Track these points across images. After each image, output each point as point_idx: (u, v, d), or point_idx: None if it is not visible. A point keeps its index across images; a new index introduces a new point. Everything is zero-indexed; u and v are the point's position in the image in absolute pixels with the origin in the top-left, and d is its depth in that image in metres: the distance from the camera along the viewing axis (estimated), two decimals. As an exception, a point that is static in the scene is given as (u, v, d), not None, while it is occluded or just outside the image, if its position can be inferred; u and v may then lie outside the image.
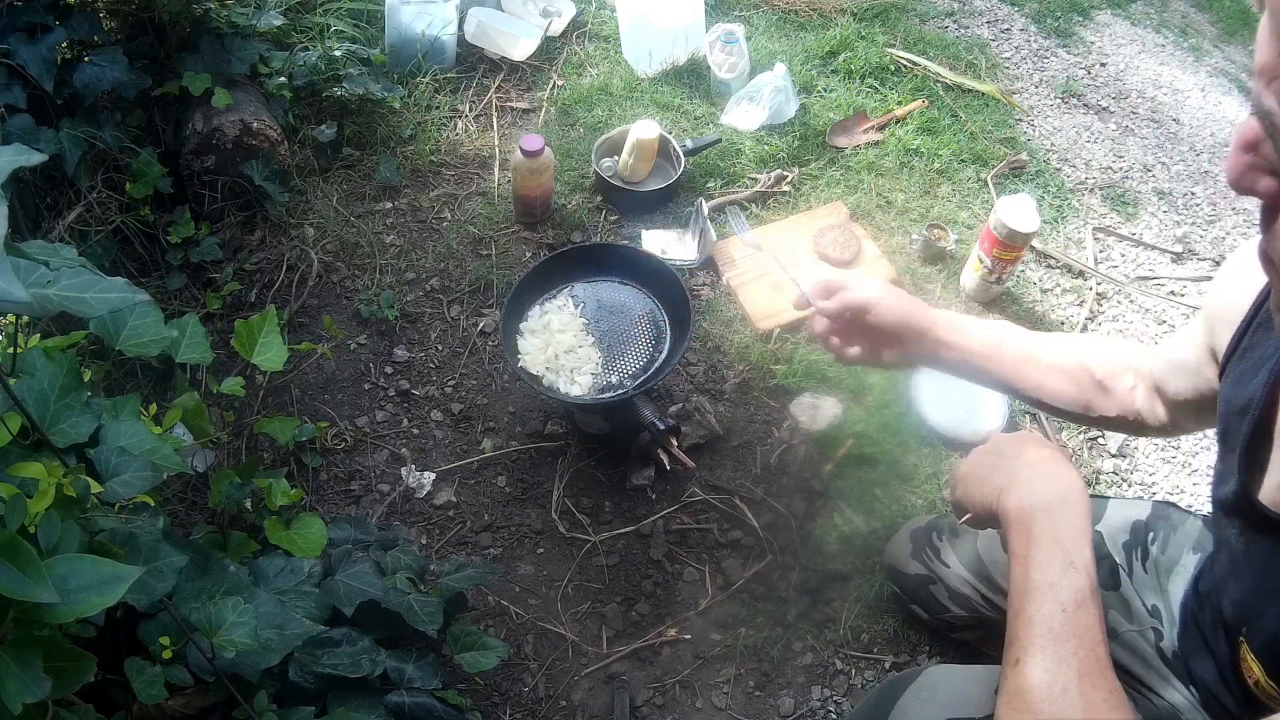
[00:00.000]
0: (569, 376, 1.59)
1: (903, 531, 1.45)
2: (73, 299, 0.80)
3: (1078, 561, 0.76)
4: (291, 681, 1.09)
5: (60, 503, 0.85)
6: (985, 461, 0.91)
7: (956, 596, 1.33)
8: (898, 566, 1.42)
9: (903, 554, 1.41)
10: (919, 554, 1.38)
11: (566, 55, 2.32)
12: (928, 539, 1.38)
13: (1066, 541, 0.78)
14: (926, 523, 1.41)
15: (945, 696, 0.96)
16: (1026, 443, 0.89)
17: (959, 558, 1.32)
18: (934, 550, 1.36)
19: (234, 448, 1.63)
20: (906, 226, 1.98)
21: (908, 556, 1.40)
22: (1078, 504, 0.80)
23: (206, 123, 1.83)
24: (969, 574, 1.30)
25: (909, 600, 1.43)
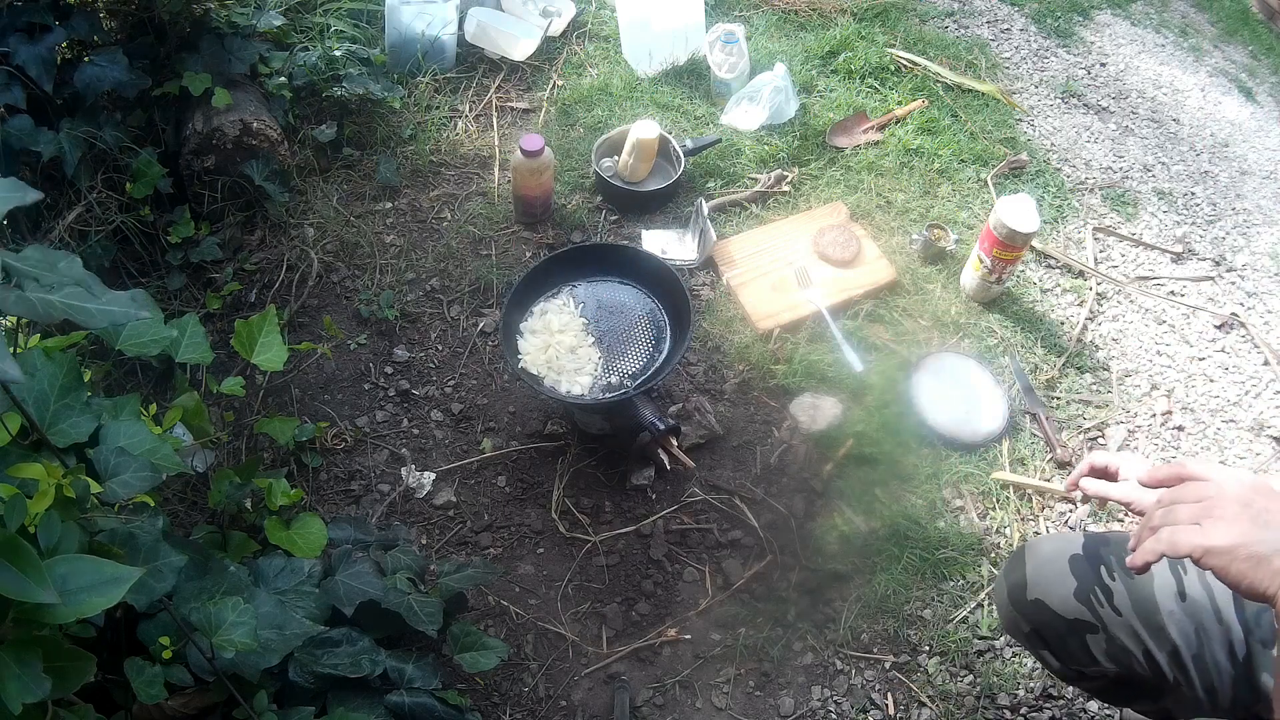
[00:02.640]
0: (569, 376, 1.59)
1: (1054, 556, 1.08)
2: (75, 308, 0.80)
3: None
4: (291, 681, 1.09)
5: (60, 503, 0.85)
6: (1260, 537, 0.77)
7: (1117, 651, 1.04)
8: (1048, 603, 1.06)
9: (1062, 590, 1.06)
10: (1086, 594, 1.04)
11: (566, 55, 2.32)
12: (1096, 575, 1.05)
13: None
14: (1086, 547, 1.06)
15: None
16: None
17: (1132, 602, 1.02)
18: (1105, 592, 1.04)
19: (234, 448, 1.63)
20: (906, 226, 1.98)
21: (1069, 595, 1.05)
22: None
23: (206, 123, 1.83)
24: (1140, 624, 1.02)
25: (1041, 644, 1.10)
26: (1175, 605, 1.02)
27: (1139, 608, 1.03)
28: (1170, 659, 1.00)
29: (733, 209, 2.00)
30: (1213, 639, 0.99)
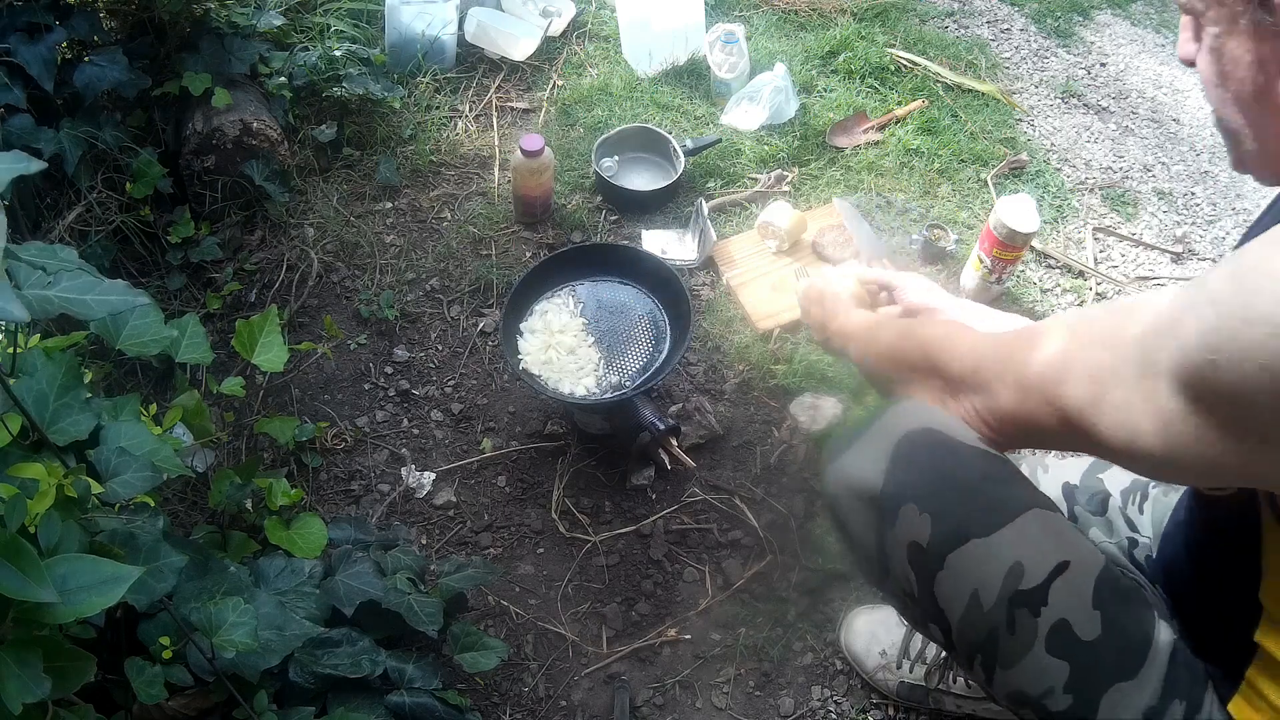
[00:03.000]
0: (569, 376, 1.59)
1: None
2: (73, 300, 0.80)
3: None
4: (291, 682, 1.09)
5: (60, 503, 0.85)
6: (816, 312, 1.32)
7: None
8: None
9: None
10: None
11: (566, 55, 2.32)
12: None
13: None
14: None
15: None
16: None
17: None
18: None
19: (234, 448, 1.63)
20: (906, 226, 1.98)
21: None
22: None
23: (206, 123, 1.83)
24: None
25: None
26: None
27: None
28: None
29: (733, 209, 2.00)
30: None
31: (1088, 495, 1.25)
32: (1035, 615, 0.91)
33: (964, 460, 0.95)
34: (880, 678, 1.37)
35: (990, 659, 0.95)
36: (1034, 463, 1.37)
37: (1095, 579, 0.91)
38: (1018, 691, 0.94)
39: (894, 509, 0.96)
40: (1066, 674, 0.91)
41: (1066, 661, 0.91)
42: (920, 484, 0.96)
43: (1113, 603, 0.91)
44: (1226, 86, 0.78)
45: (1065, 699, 0.91)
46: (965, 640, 0.96)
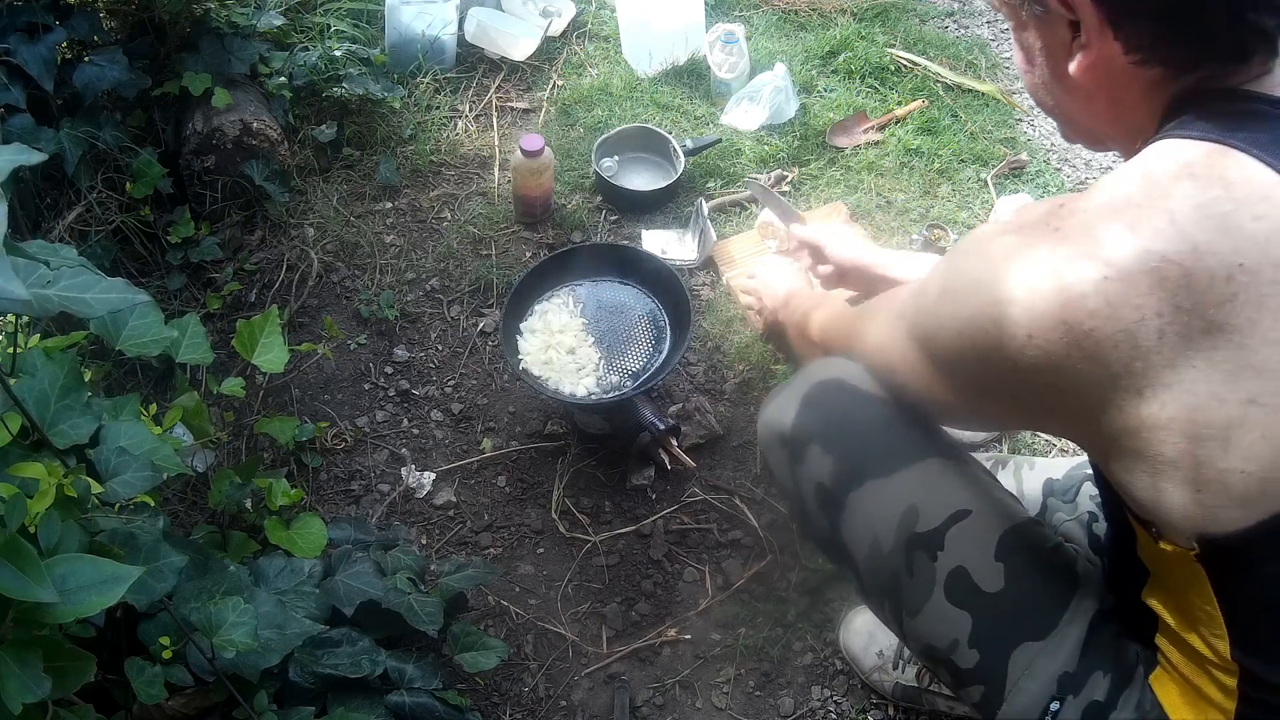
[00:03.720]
0: (569, 376, 1.59)
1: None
2: (73, 299, 0.80)
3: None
4: (291, 681, 1.09)
5: (60, 503, 0.85)
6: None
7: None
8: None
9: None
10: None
11: (566, 55, 2.32)
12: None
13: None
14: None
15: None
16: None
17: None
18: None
19: (234, 448, 1.63)
20: (906, 226, 1.98)
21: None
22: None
23: (206, 123, 1.83)
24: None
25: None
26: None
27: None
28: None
29: (733, 209, 2.00)
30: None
31: (1065, 487, 1.28)
32: (932, 559, 0.94)
33: (867, 407, 1.00)
34: (877, 678, 1.38)
35: (897, 605, 0.98)
36: (1019, 462, 1.38)
37: (1002, 532, 0.93)
38: (928, 646, 0.97)
39: (802, 448, 1.02)
40: (969, 625, 0.92)
41: (968, 612, 0.92)
42: (825, 425, 1.01)
43: (1022, 559, 0.93)
44: (1033, 73, 0.87)
45: (972, 654, 0.93)
46: (873, 583, 1.00)
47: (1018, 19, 0.84)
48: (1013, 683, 0.91)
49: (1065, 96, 0.86)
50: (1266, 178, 0.69)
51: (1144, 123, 0.80)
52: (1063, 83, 0.83)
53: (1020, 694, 0.90)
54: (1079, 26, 0.77)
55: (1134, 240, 0.69)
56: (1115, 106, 0.82)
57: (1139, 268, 0.68)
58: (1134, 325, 0.68)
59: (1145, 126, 0.80)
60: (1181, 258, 0.67)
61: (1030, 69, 0.87)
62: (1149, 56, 0.75)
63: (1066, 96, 0.85)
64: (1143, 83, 0.78)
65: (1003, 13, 0.86)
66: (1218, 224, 0.68)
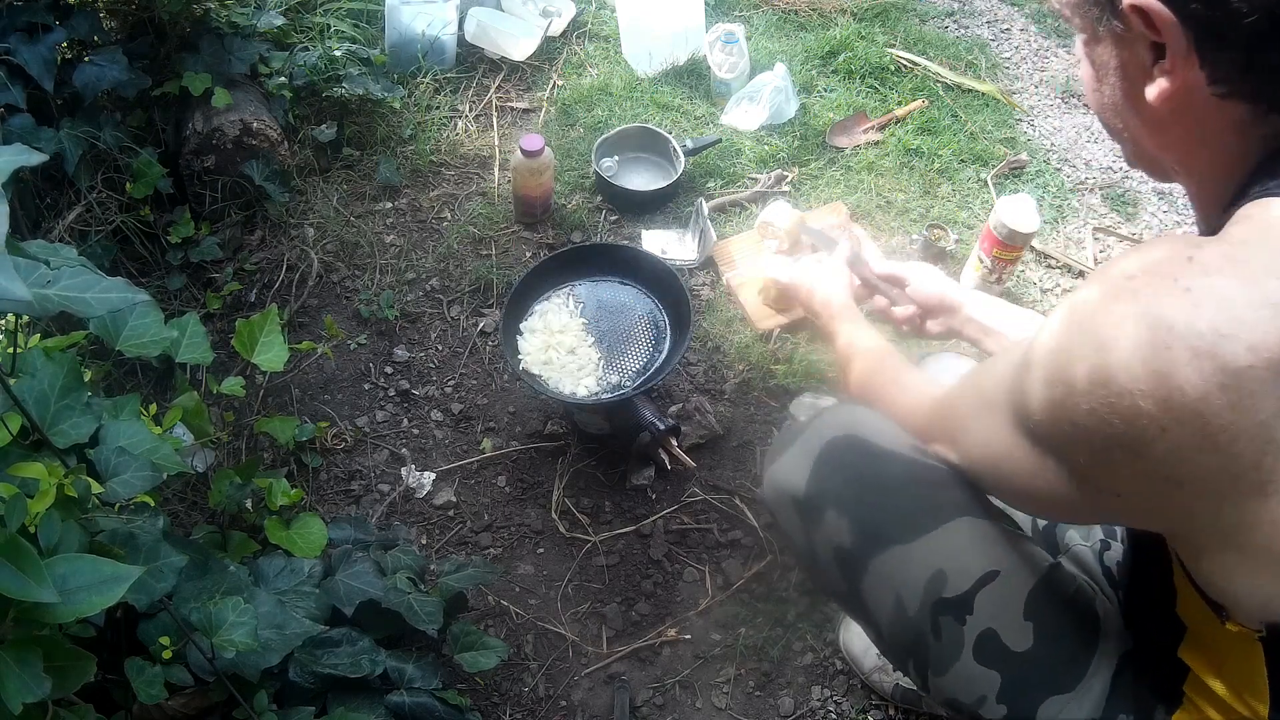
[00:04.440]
0: (569, 376, 1.59)
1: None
2: (73, 299, 0.80)
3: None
4: (291, 681, 1.09)
5: (60, 503, 0.85)
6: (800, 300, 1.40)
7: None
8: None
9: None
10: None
11: (566, 55, 2.32)
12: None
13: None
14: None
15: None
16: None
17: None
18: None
19: (234, 448, 1.63)
20: (906, 226, 1.98)
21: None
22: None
23: (206, 123, 1.83)
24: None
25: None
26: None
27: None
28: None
29: (733, 209, 2.00)
30: None
31: None
32: (961, 623, 0.91)
33: (887, 465, 0.95)
34: (876, 679, 1.38)
35: (922, 664, 0.95)
36: None
37: (1029, 590, 0.91)
38: (953, 699, 0.95)
39: (818, 512, 0.98)
40: (998, 684, 0.90)
41: (997, 672, 0.90)
42: (841, 487, 0.97)
43: (1049, 615, 0.91)
44: (1101, 92, 0.80)
45: (999, 709, 0.91)
46: (896, 643, 0.97)
47: (1092, 32, 0.76)
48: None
49: (1136, 121, 0.78)
50: None
51: (1225, 163, 0.74)
52: (1135, 107, 0.76)
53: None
54: (1161, 49, 0.70)
55: (1278, 321, 0.62)
56: (1190, 141, 0.75)
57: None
58: (1272, 418, 0.63)
59: (1228, 168, 0.74)
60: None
61: (1099, 87, 0.80)
62: (1236, 89, 0.69)
63: (1137, 121, 0.78)
64: (1225, 119, 0.71)
65: (1073, 23, 0.78)
66: None
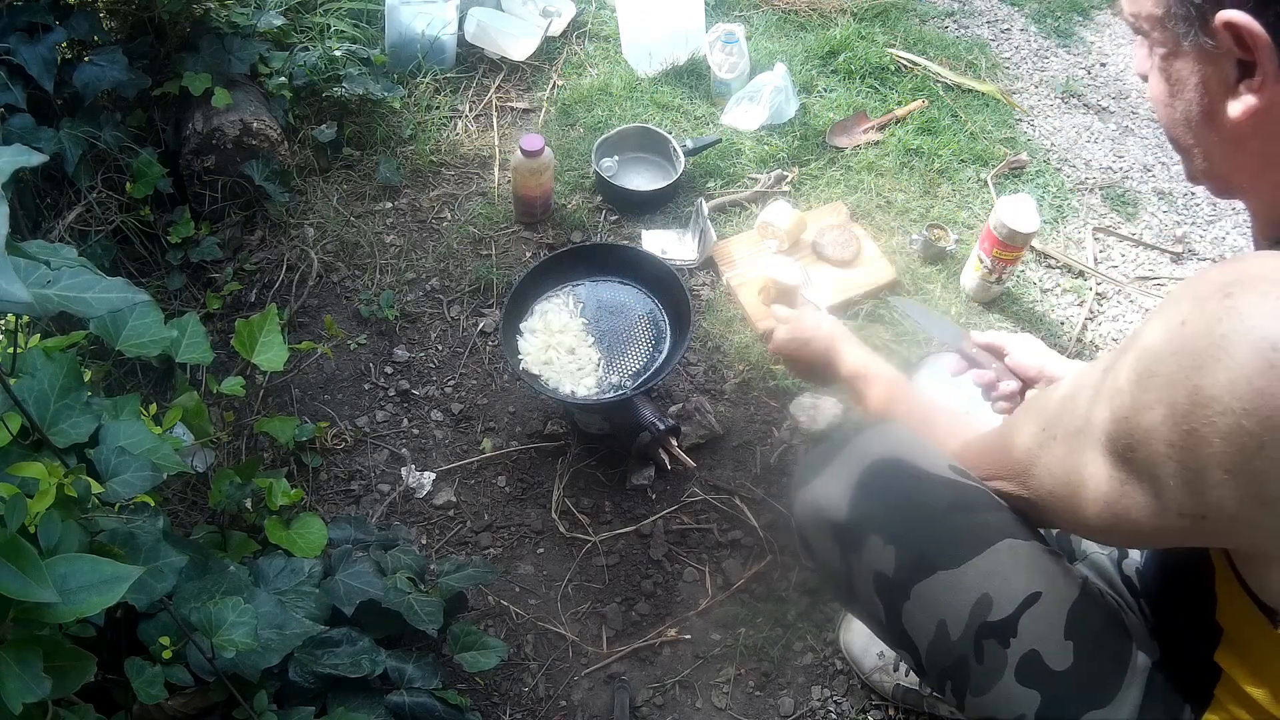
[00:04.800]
0: (569, 376, 1.59)
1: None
2: (73, 299, 0.80)
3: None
4: (291, 681, 1.09)
5: (60, 503, 0.85)
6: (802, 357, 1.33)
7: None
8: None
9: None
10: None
11: (566, 55, 2.32)
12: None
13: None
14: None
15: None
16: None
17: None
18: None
19: (234, 448, 1.63)
20: (906, 226, 1.98)
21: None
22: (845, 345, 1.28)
23: (206, 123, 1.83)
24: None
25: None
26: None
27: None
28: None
29: (733, 209, 2.00)
30: None
31: None
32: (1005, 646, 0.91)
33: (930, 489, 0.95)
34: (877, 679, 1.37)
35: (961, 685, 0.95)
36: None
37: (1069, 609, 0.91)
38: (990, 718, 0.94)
39: (859, 539, 0.96)
40: (1038, 703, 0.91)
41: (1037, 691, 0.90)
42: (885, 514, 0.96)
43: (1087, 632, 0.91)
44: (1175, 106, 0.79)
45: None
46: (935, 666, 0.96)
47: (1173, 46, 0.76)
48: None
49: (1212, 137, 0.78)
50: None
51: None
52: (1212, 123, 0.77)
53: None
54: (1247, 66, 0.71)
55: None
56: (1264, 158, 0.76)
57: None
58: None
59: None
60: None
61: (1172, 101, 0.79)
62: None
63: (1214, 137, 0.78)
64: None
65: (1151, 37, 0.77)
66: None
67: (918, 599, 0.94)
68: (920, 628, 0.95)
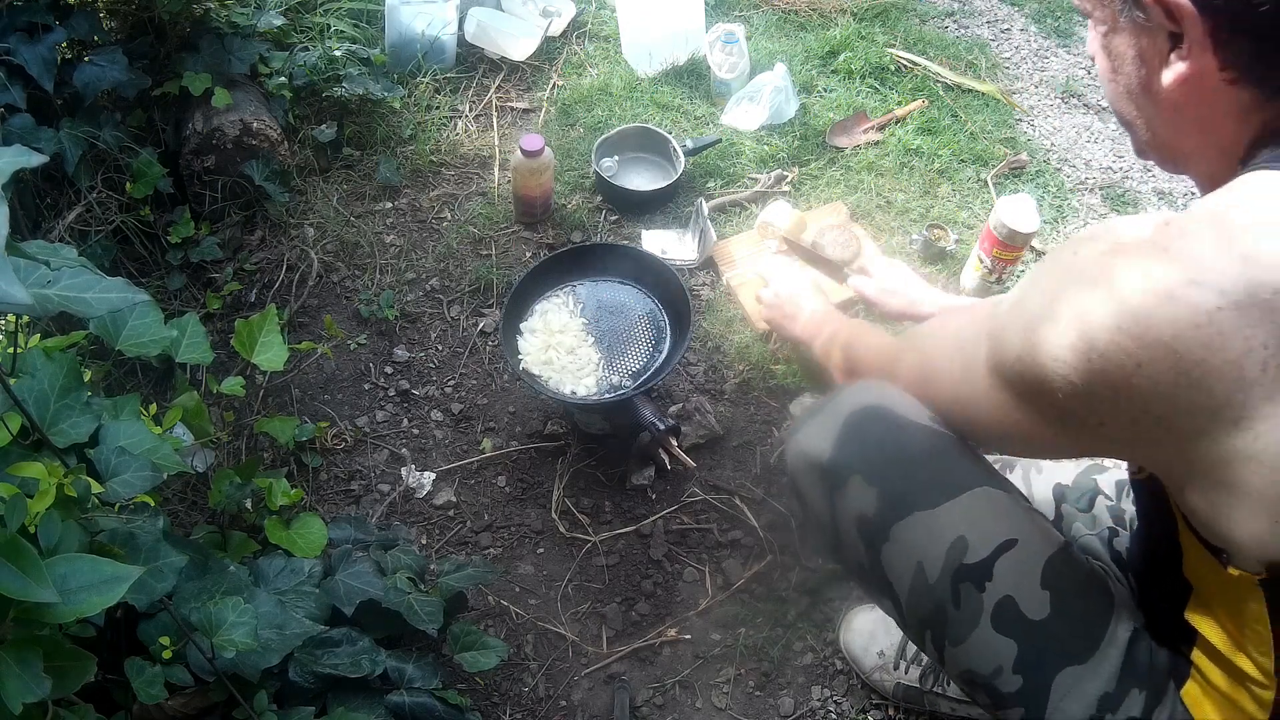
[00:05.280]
0: (569, 376, 1.59)
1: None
2: (73, 299, 0.80)
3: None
4: (291, 681, 1.09)
5: (60, 503, 0.85)
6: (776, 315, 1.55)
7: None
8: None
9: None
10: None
11: (566, 55, 2.32)
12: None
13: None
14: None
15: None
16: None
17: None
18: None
19: (234, 448, 1.63)
20: (906, 226, 1.98)
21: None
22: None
23: (206, 123, 1.83)
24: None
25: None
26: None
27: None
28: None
29: (733, 209, 2.00)
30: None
31: (1078, 494, 1.27)
32: (980, 590, 0.93)
33: (911, 436, 0.98)
34: (877, 678, 1.38)
35: (940, 635, 0.97)
36: (1027, 465, 1.38)
37: (1046, 559, 0.93)
38: (968, 671, 0.96)
39: (842, 480, 1.00)
40: (1015, 653, 0.92)
41: (1014, 640, 0.92)
42: (867, 456, 1.00)
43: (1065, 585, 0.93)
44: (1117, 81, 0.85)
45: (1015, 680, 0.93)
46: (915, 614, 0.99)
47: (1111, 23, 0.82)
48: (1054, 705, 0.91)
49: (1151, 108, 0.83)
50: None
51: (1229, 146, 0.79)
52: (1150, 94, 0.82)
53: (1060, 714, 0.91)
54: (1177, 37, 0.76)
55: (1247, 271, 0.67)
56: (1200, 124, 0.80)
57: (1252, 299, 0.67)
58: (1241, 357, 0.67)
59: (1230, 150, 0.79)
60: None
61: (1114, 77, 0.85)
62: (1244, 75, 0.74)
63: (1153, 109, 0.83)
64: (1233, 103, 0.77)
65: (1093, 15, 0.83)
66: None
67: (896, 540, 0.97)
68: (900, 571, 0.98)
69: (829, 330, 1.37)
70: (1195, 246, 0.70)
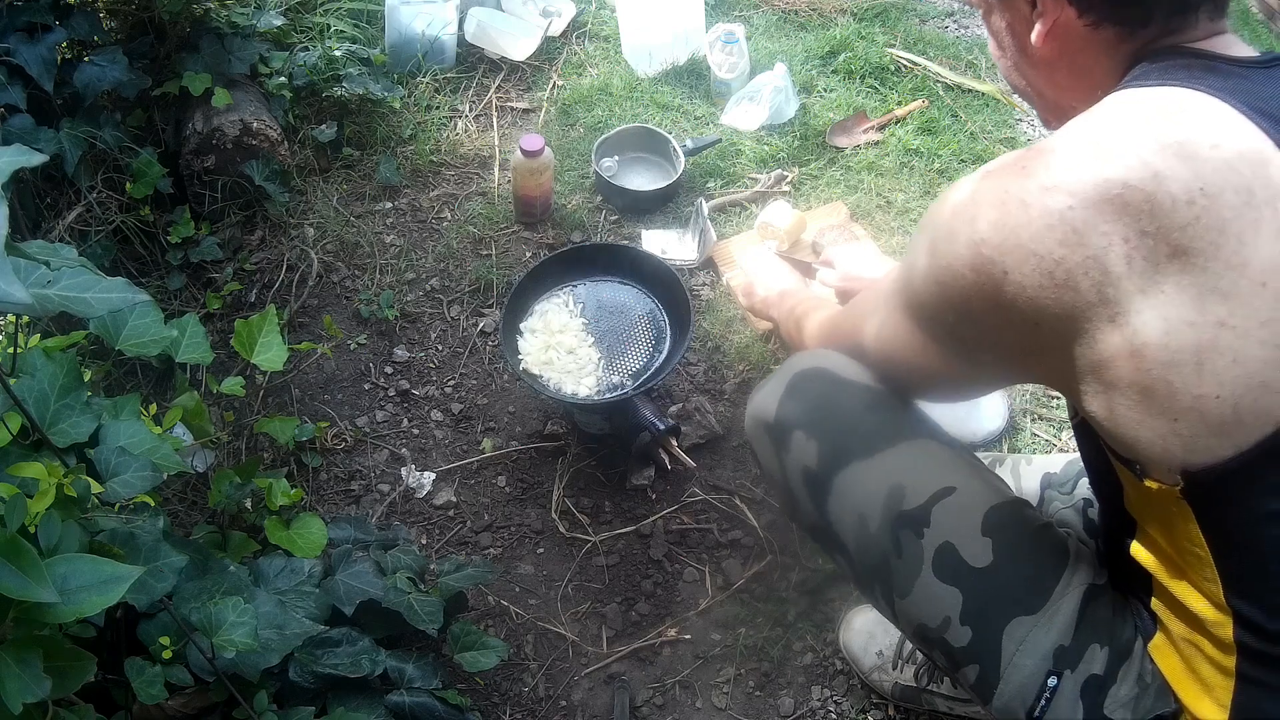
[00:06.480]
0: (569, 377, 1.59)
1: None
2: (73, 299, 0.80)
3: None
4: (291, 681, 1.09)
5: (60, 503, 0.85)
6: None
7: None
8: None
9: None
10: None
11: (566, 55, 2.32)
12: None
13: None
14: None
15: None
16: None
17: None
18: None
19: (234, 448, 1.63)
20: (907, 226, 1.98)
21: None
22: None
23: (206, 123, 1.83)
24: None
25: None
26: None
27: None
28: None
29: (733, 209, 2.00)
30: None
31: (1064, 480, 1.30)
32: (919, 537, 0.95)
33: (849, 391, 1.03)
34: (876, 678, 1.38)
35: (888, 587, 0.98)
36: (1017, 459, 1.39)
37: (988, 508, 0.95)
38: (921, 626, 0.97)
39: (786, 435, 1.04)
40: (960, 602, 0.93)
41: (957, 588, 0.93)
42: (808, 411, 1.04)
43: (1010, 536, 0.94)
44: (1005, 56, 0.93)
45: (964, 631, 0.93)
46: (864, 568, 1.01)
47: (985, 4, 0.91)
48: (1008, 659, 0.91)
49: (1032, 71, 0.90)
50: (1220, 109, 0.73)
51: (1105, 85, 0.83)
52: (1028, 57, 0.89)
53: (1016, 670, 0.90)
54: (1036, 1, 0.83)
55: (1097, 170, 0.72)
56: (1076, 72, 0.87)
57: (1102, 195, 0.71)
58: (1102, 252, 0.71)
59: (1107, 88, 0.83)
60: (1143, 184, 0.70)
61: (1002, 53, 0.93)
62: (1100, 17, 0.81)
63: (1033, 71, 0.90)
64: (1099, 44, 0.83)
65: (972, 2, 0.93)
66: (1176, 152, 0.71)
67: (837, 492, 1.00)
68: (844, 524, 1.00)
69: (788, 306, 1.44)
70: (1049, 159, 0.75)
